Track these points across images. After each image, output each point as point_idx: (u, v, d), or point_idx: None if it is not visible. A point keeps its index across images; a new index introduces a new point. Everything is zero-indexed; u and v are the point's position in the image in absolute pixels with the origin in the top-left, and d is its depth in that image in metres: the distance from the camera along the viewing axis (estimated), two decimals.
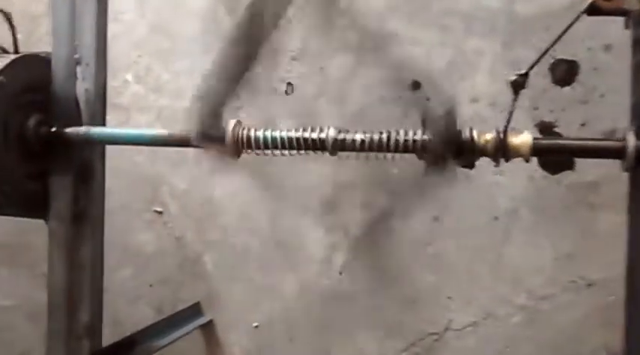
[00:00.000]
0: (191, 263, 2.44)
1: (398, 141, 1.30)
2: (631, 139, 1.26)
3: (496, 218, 2.08)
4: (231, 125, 1.44)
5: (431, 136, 1.26)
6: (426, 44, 2.08)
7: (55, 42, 1.66)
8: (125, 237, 2.48)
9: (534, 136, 1.22)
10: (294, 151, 1.43)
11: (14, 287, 2.69)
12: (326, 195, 2.23)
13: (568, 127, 1.94)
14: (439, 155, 1.23)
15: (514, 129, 1.27)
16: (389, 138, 1.31)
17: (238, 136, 1.44)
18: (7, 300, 2.71)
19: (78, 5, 1.67)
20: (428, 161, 1.26)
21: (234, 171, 2.30)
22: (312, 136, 1.38)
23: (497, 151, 1.22)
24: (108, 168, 1.82)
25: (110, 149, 1.80)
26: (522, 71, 1.17)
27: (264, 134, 1.43)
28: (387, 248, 2.19)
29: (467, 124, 1.32)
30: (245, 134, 1.43)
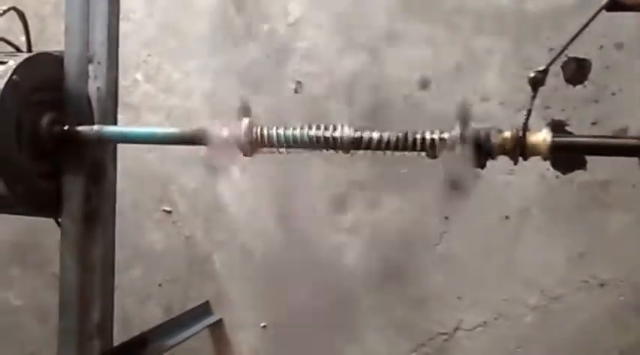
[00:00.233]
0: (200, 262, 2.44)
1: (416, 139, 1.29)
2: None
3: (507, 217, 2.07)
4: (245, 123, 1.43)
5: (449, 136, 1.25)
6: (436, 43, 2.07)
7: (68, 40, 1.65)
8: (134, 237, 2.48)
9: (553, 134, 1.21)
10: (309, 149, 1.42)
11: (24, 287, 2.70)
12: (335, 195, 2.23)
13: (579, 126, 1.93)
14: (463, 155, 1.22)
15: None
16: (406, 136, 1.30)
17: (253, 134, 1.43)
18: (18, 300, 2.72)
19: (90, 3, 1.66)
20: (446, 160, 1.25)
21: (242, 170, 2.31)
22: (329, 134, 1.37)
23: (515, 150, 1.21)
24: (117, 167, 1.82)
25: (119, 148, 1.79)
26: (541, 68, 1.16)
27: (277, 132, 1.42)
28: (397, 247, 2.18)
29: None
30: (260, 132, 1.43)
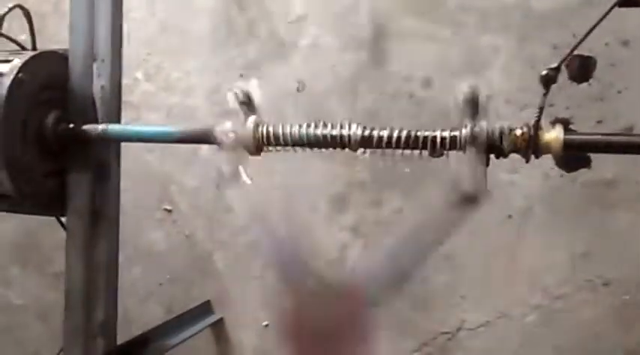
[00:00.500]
0: (201, 261, 2.43)
1: (426, 138, 1.28)
2: None
3: (510, 216, 2.06)
4: (252, 121, 1.42)
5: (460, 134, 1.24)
6: (441, 40, 2.07)
7: (73, 38, 1.64)
8: (135, 236, 2.47)
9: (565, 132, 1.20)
10: (316, 148, 1.41)
11: (25, 286, 2.69)
12: (337, 194, 2.22)
13: (584, 124, 1.91)
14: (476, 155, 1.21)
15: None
16: (417, 135, 1.29)
17: (260, 132, 1.42)
18: (19, 300, 2.71)
19: (94, 1, 1.66)
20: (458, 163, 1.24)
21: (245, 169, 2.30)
22: (337, 133, 1.36)
23: (527, 148, 1.20)
24: None
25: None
26: (553, 65, 1.15)
27: (284, 131, 1.41)
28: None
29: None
30: (266, 130, 1.41)
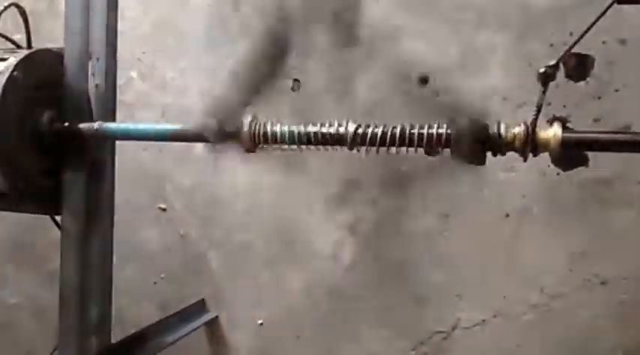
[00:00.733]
0: (196, 260, 2.42)
1: (422, 134, 1.27)
2: None
3: (507, 215, 2.06)
4: (247, 120, 1.42)
5: (457, 130, 1.23)
6: (438, 38, 2.06)
7: (68, 37, 1.64)
8: (129, 234, 2.46)
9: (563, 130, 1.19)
10: (311, 146, 1.40)
11: (20, 285, 2.68)
12: (333, 192, 2.22)
13: (581, 123, 1.91)
14: (467, 149, 1.20)
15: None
16: (411, 132, 1.28)
17: (255, 131, 1.41)
18: (13, 298, 2.70)
19: (89, 0, 1.65)
20: (455, 155, 1.23)
21: (239, 167, 2.29)
22: (331, 131, 1.35)
23: (525, 145, 1.19)
24: None
25: None
26: (552, 63, 1.14)
27: (281, 129, 1.40)
28: (396, 245, 2.17)
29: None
30: (262, 129, 1.41)
